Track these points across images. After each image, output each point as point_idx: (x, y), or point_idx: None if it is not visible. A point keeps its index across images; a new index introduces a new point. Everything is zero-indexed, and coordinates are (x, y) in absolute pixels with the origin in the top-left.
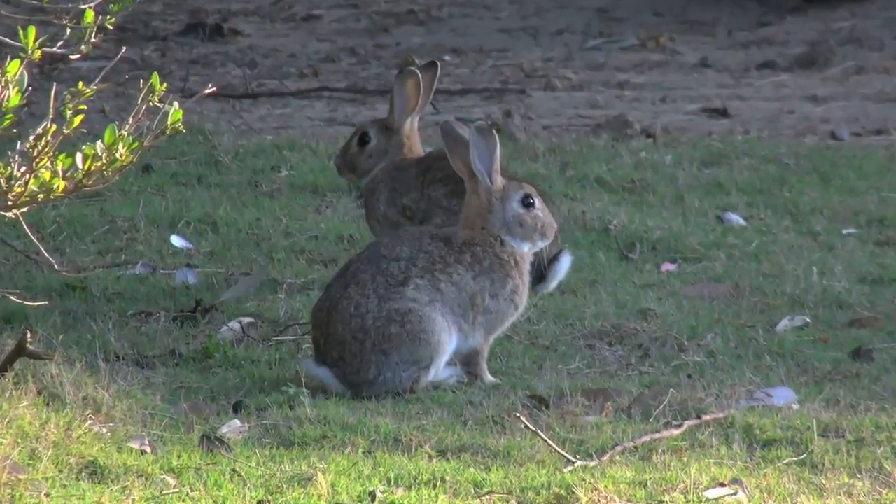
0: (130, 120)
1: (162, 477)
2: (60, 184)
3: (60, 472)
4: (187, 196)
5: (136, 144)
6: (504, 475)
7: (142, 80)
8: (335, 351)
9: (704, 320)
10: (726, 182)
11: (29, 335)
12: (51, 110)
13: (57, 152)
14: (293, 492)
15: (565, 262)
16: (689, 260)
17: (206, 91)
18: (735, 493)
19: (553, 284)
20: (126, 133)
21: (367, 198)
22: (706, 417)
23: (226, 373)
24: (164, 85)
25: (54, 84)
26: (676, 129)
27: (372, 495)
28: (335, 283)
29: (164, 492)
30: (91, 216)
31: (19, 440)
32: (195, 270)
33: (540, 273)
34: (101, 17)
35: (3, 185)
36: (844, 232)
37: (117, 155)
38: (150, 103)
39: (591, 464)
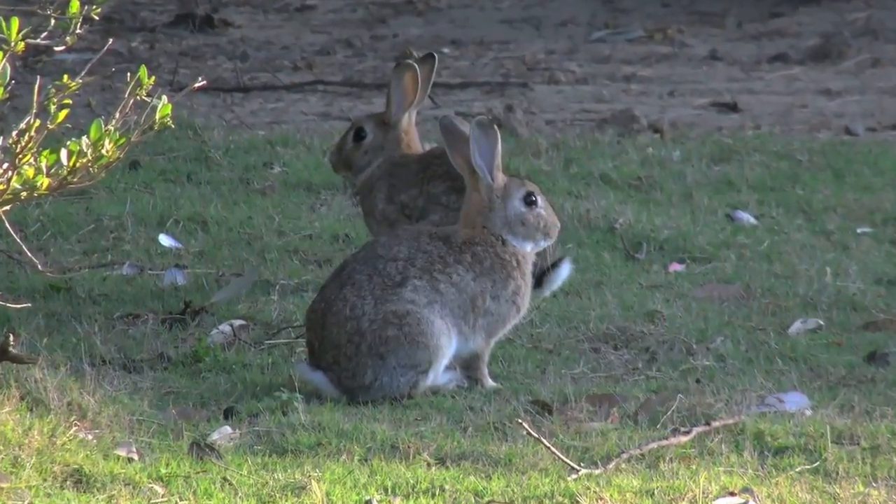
0: (117, 115)
1: (150, 486)
2: (44, 181)
3: (44, 480)
4: (176, 194)
5: (122, 140)
6: (505, 484)
7: (129, 73)
8: (330, 354)
9: (714, 323)
10: (736, 179)
11: (12, 338)
12: (34, 104)
13: (41, 148)
14: (286, 501)
15: (564, 271)
16: (697, 260)
17: (196, 84)
18: (745, 503)
19: (547, 292)
20: (113, 128)
21: (364, 195)
22: (715, 424)
23: (216, 377)
24: (153, 78)
25: (38, 77)
26: (685, 124)
27: None
28: (330, 284)
29: (151, 501)
30: (76, 215)
31: (1, 447)
32: (184, 271)
33: (538, 277)
34: (86, 8)
35: None
36: (859, 231)
37: (103, 151)
38: (138, 97)
39: (596, 472)
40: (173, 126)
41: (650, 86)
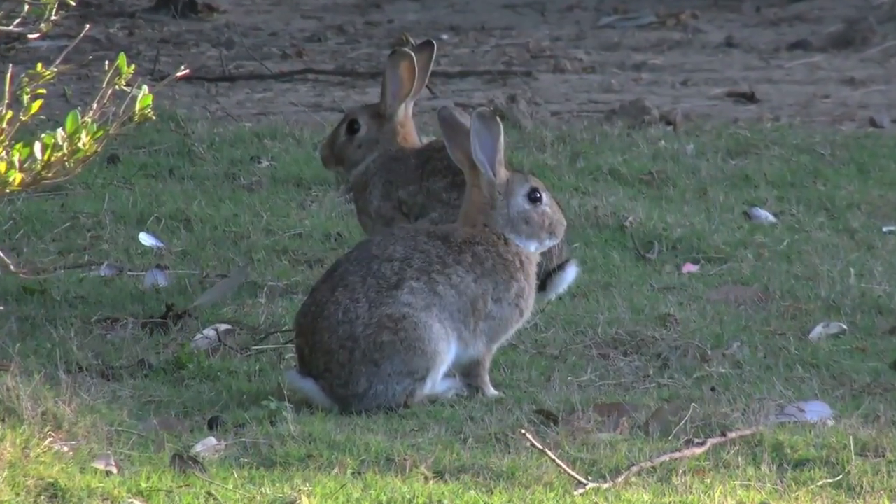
0: (95, 105)
1: (129, 500)
2: (17, 176)
3: (17, 494)
4: (157, 190)
5: (100, 133)
6: (508, 498)
7: (107, 62)
8: (321, 361)
9: (730, 327)
10: (754, 174)
11: None
12: (6, 95)
13: (13, 141)
14: None
15: (570, 274)
16: (713, 260)
17: (179, 74)
18: None
19: (553, 295)
20: (90, 120)
21: (357, 192)
22: (732, 435)
23: (200, 385)
24: (132, 67)
25: (10, 66)
26: (699, 115)
27: None
28: (321, 287)
29: None
30: (51, 212)
31: None
32: (166, 272)
33: (543, 279)
34: None
35: None
36: (885, 229)
37: (80, 144)
38: (117, 87)
39: (605, 486)
40: (154, 118)
41: (662, 75)
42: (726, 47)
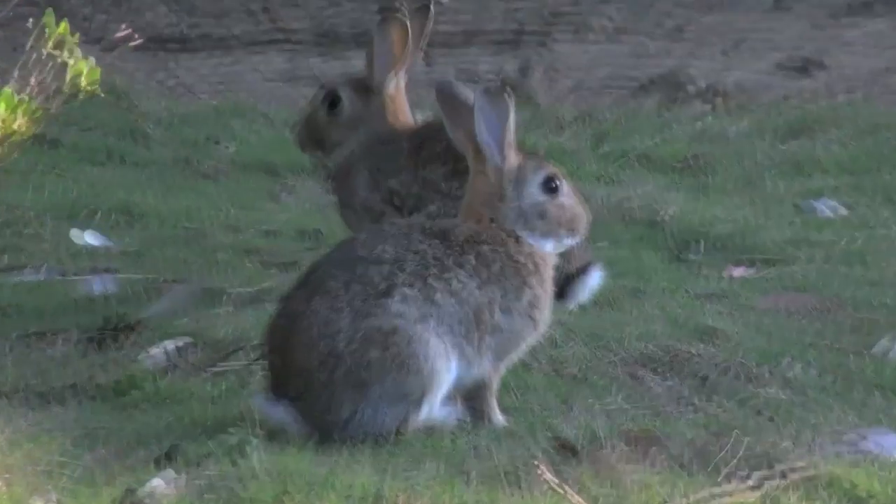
0: (33, 82)
1: None
2: None
3: None
4: (98, 178)
5: (39, 112)
6: None
7: (31, 19)
8: (297, 382)
9: (781, 342)
10: (810, 161)
11: None
12: None
13: None
14: None
15: (594, 279)
16: (762, 263)
17: (130, 41)
18: None
19: (573, 304)
20: (27, 97)
21: (339, 181)
22: (784, 469)
23: (154, 410)
24: (63, 25)
25: None
26: (746, 90)
27: None
28: (296, 294)
29: None
30: None
31: None
32: (113, 276)
33: (561, 285)
34: None
35: None
36: None
37: (15, 126)
38: (45, 52)
39: None
40: (102, 94)
41: (703, 42)
42: (777, 11)
